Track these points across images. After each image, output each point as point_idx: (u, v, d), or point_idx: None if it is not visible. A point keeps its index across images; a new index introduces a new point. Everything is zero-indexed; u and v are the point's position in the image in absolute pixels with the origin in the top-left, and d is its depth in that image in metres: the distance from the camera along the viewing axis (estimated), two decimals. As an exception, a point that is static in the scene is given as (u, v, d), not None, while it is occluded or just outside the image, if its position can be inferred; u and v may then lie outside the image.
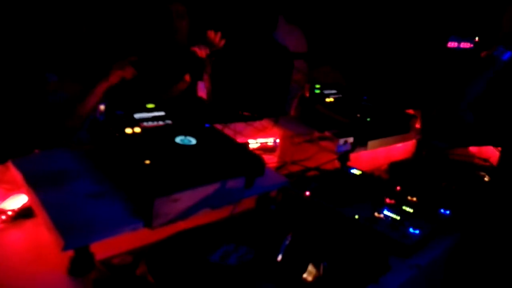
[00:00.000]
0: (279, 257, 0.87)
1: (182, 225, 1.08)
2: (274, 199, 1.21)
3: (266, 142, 2.04)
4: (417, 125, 2.09)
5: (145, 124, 1.21)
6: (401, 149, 2.17)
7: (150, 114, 1.26)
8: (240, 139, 1.40)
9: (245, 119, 1.94)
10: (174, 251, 0.93)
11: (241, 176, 1.14)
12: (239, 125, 1.90)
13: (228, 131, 1.56)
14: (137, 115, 1.23)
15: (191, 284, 0.80)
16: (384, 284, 0.92)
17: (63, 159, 1.16)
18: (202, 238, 0.98)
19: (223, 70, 2.00)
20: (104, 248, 0.95)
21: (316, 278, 0.85)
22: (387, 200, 1.26)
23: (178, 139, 1.16)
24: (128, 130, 1.14)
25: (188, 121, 1.29)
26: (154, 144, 1.11)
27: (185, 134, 1.20)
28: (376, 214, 1.16)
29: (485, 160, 1.76)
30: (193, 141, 1.18)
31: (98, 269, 0.88)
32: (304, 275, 0.85)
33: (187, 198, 1.02)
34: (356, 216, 1.14)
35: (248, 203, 1.30)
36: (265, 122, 1.96)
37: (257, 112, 1.92)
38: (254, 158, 1.20)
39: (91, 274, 0.90)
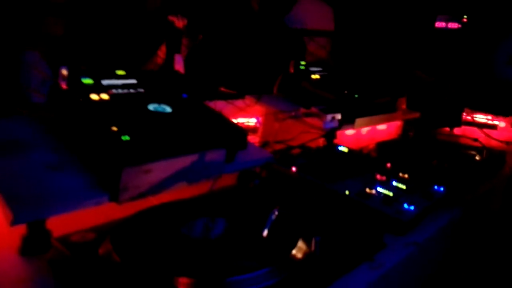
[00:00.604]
0: (265, 232, 0.77)
1: (154, 202, 0.97)
2: (258, 174, 1.11)
3: (248, 122, 1.94)
4: (403, 106, 2.03)
5: (113, 91, 1.08)
6: (386, 131, 2.11)
7: (120, 81, 1.13)
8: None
9: (225, 97, 1.82)
10: (144, 227, 0.81)
11: (221, 148, 1.03)
12: (219, 103, 1.78)
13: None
14: (105, 82, 1.10)
15: (163, 263, 0.69)
16: (380, 262, 0.83)
17: (17, 127, 1.02)
18: (177, 214, 0.86)
19: (205, 42, 1.87)
20: (63, 225, 0.83)
21: (306, 255, 0.75)
22: (378, 177, 1.18)
23: (151, 107, 1.04)
24: (94, 96, 1.01)
25: (163, 90, 1.17)
26: (123, 111, 0.99)
27: (160, 102, 1.08)
28: (367, 190, 1.07)
29: (475, 139, 1.71)
30: (168, 109, 1.06)
31: (54, 247, 0.76)
32: (293, 252, 0.75)
33: (160, 169, 0.90)
34: (347, 192, 1.05)
35: (229, 180, 1.20)
36: (247, 101, 1.85)
37: (239, 89, 1.80)
38: (236, 130, 1.09)
39: (47, 254, 0.78)
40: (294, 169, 1.18)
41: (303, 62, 1.82)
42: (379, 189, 1.09)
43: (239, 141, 1.08)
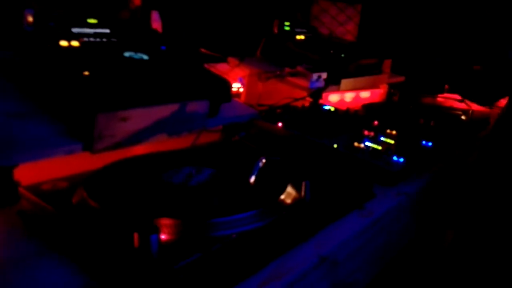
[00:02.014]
0: (252, 179, 0.72)
1: (132, 153, 0.91)
2: (243, 127, 1.06)
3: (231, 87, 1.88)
4: (388, 69, 2.00)
5: (85, 39, 1.00)
6: (369, 99, 2.09)
7: (91, 30, 1.05)
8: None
9: (207, 60, 1.74)
10: (122, 176, 0.76)
11: (204, 100, 0.97)
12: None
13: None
14: (75, 30, 1.02)
15: (144, 207, 0.64)
16: (370, 210, 0.80)
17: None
18: (159, 163, 0.81)
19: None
20: (32, 178, 0.76)
21: (296, 200, 0.71)
22: (366, 132, 1.14)
23: (127, 54, 0.97)
24: (64, 43, 0.93)
25: (139, 41, 1.09)
26: (96, 57, 0.91)
27: (136, 51, 1.00)
28: (356, 144, 1.04)
29: (461, 100, 1.70)
30: (146, 57, 0.99)
31: (23, 197, 0.70)
32: (282, 197, 0.71)
33: (138, 117, 0.84)
34: (335, 145, 1.01)
35: (211, 138, 1.15)
36: (229, 64, 1.78)
37: (221, 51, 1.73)
38: (219, 80, 1.03)
39: (16, 206, 0.71)
40: (280, 124, 1.13)
41: (287, 23, 1.76)
42: (368, 143, 1.06)
43: (222, 92, 1.02)
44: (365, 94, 2.11)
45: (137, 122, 0.84)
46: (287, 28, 1.72)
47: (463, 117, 1.46)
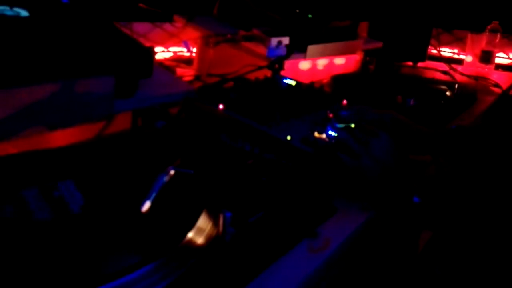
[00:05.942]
0: (145, 206, 0.48)
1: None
2: (163, 114, 0.80)
3: (182, 52, 1.60)
4: (364, 33, 1.75)
5: None
6: (344, 66, 1.84)
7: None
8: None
9: (146, 17, 1.43)
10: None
11: (107, 75, 0.71)
12: (141, 26, 1.42)
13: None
14: None
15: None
16: (326, 238, 0.58)
17: None
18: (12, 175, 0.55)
19: None
20: None
21: (212, 239, 0.48)
22: (331, 116, 0.91)
23: (-7, 9, 0.68)
24: None
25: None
26: None
27: (12, 5, 0.71)
28: (316, 134, 0.81)
29: (445, 72, 1.48)
30: (24, 13, 0.70)
31: None
32: (190, 235, 0.47)
33: (-7, 105, 0.57)
34: (288, 137, 0.78)
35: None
36: (175, 24, 1.49)
37: (165, 7, 1.42)
38: (134, 46, 0.76)
39: None
40: (221, 106, 0.88)
41: (246, -26, 1.45)
42: (331, 133, 0.83)
43: (138, 64, 0.75)
44: (339, 61, 1.86)
45: (-8, 112, 0.57)
46: (245, -19, 1.42)
47: (448, 93, 1.24)
